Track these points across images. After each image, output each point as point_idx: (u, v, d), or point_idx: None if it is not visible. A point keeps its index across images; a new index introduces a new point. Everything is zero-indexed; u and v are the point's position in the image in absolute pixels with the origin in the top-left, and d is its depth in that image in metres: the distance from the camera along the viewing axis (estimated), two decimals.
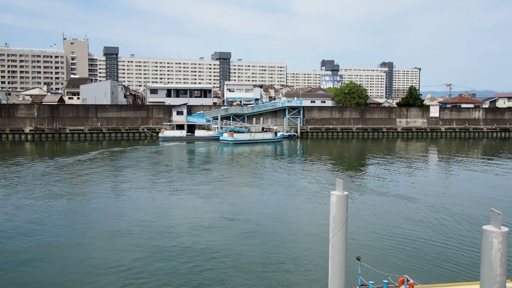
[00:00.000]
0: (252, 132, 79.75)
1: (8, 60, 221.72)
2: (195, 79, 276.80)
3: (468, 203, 30.05)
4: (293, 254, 19.77)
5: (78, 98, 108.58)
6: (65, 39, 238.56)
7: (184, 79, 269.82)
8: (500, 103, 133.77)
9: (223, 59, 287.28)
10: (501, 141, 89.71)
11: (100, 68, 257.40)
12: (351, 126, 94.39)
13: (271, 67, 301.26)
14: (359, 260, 12.28)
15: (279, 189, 34.95)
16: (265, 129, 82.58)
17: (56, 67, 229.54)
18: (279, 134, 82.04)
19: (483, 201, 30.56)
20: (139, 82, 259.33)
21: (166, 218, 25.86)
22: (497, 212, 7.71)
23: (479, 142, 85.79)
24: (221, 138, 78.61)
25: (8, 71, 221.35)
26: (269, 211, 27.69)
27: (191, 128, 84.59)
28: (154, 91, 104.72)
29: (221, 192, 33.75)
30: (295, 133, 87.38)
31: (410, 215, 26.55)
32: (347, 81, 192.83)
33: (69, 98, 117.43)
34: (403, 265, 18.17)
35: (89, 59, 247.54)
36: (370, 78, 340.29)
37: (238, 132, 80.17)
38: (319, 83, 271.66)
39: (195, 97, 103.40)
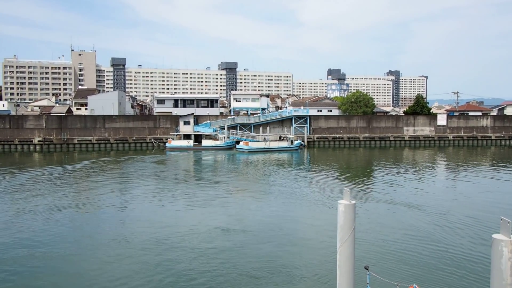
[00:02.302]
0: (267, 141, 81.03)
1: (16, 72, 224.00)
2: (202, 89, 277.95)
3: (477, 211, 29.78)
4: (300, 263, 19.66)
5: (86, 109, 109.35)
6: (73, 50, 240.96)
7: (190, 89, 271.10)
8: (509, 111, 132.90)
9: (230, 69, 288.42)
10: (509, 149, 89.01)
11: (107, 79, 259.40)
12: (358, 134, 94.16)
13: (278, 76, 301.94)
14: (367, 269, 12.19)
15: (285, 198, 34.82)
16: (281, 138, 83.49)
17: (64, 78, 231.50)
18: (295, 142, 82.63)
19: (492, 209, 30.28)
20: (146, 92, 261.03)
21: (169, 227, 25.82)
22: (506, 221, 7.64)
23: (488, 150, 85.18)
24: (237, 146, 79.83)
25: (17, 83, 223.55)
26: (273, 220, 27.57)
27: (198, 138, 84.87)
28: (161, 101, 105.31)
29: (224, 201, 33.69)
30: (302, 142, 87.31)
31: (419, 223, 26.35)
32: (354, 89, 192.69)
33: (77, 109, 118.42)
34: (412, 274, 18.00)
35: (96, 70, 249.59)
36: (377, 87, 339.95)
37: (253, 141, 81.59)
38: (325, 92, 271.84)
39: (202, 107, 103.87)
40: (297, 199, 34.52)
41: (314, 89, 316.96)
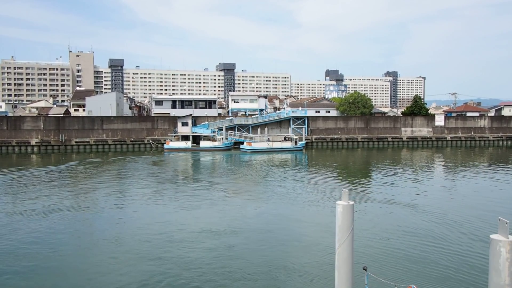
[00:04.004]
0: (270, 141, 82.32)
1: (14, 73, 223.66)
2: (200, 90, 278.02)
3: (475, 211, 29.81)
4: (298, 264, 19.64)
5: (84, 110, 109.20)
6: (70, 51, 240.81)
7: (188, 90, 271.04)
8: (506, 111, 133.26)
9: (228, 70, 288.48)
10: (507, 149, 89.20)
11: (105, 80, 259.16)
12: (356, 135, 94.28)
13: (276, 77, 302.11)
14: (365, 270, 12.19)
15: (282, 199, 34.78)
16: (286, 138, 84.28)
17: (62, 80, 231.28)
18: (300, 143, 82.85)
19: (491, 209, 30.32)
20: (144, 93, 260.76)
21: (164, 228, 25.72)
22: (504, 221, 7.66)
23: (485, 151, 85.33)
24: (241, 147, 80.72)
25: (15, 84, 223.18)
26: (270, 222, 27.53)
27: (196, 139, 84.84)
28: (159, 102, 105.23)
29: (221, 202, 33.64)
30: None
31: (417, 224, 26.37)
32: (352, 90, 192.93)
33: (75, 110, 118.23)
34: (411, 275, 18.01)
35: (94, 71, 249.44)
36: (375, 88, 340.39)
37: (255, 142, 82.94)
38: (323, 93, 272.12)
39: (200, 108, 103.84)
40: (294, 199, 34.47)
41: (312, 90, 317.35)
